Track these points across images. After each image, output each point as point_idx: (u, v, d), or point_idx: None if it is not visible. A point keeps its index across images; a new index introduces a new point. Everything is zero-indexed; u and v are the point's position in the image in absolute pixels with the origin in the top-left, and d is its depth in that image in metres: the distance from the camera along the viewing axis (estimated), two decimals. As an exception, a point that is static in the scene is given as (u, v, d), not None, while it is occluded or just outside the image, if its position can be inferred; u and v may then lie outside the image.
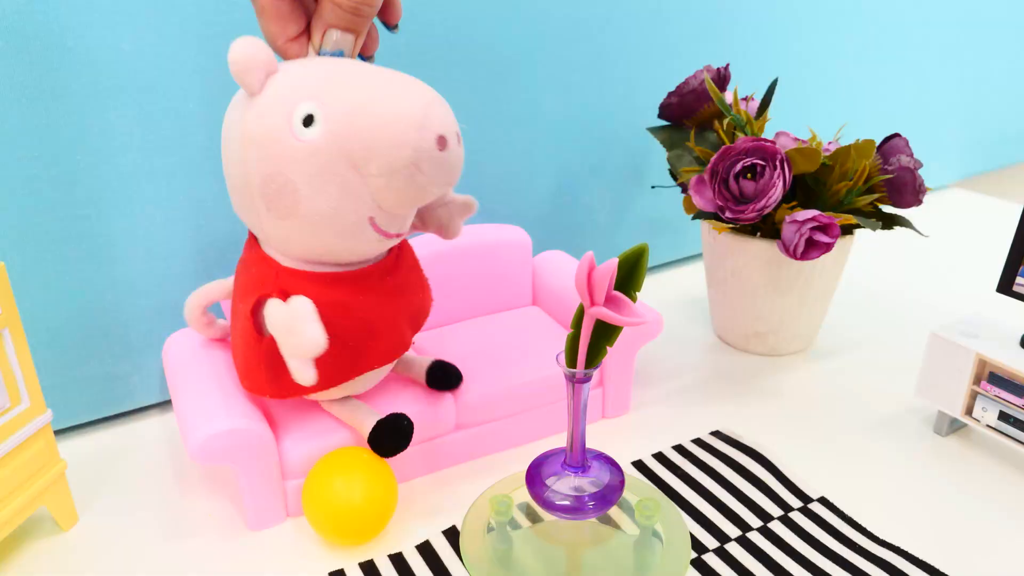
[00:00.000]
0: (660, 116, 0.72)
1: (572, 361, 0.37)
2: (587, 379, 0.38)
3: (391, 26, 0.49)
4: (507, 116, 0.74)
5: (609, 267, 0.32)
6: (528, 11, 0.71)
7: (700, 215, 0.67)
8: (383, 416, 0.51)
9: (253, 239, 0.50)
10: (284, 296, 0.46)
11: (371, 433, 0.50)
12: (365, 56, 0.49)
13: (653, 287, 0.88)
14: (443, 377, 0.56)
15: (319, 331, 0.44)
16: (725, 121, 0.68)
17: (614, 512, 0.42)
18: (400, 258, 0.51)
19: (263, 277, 0.48)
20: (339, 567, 0.49)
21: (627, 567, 0.40)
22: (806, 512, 0.52)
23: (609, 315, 0.33)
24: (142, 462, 0.59)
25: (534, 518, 0.42)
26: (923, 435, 0.61)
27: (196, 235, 0.62)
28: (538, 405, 0.60)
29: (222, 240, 0.63)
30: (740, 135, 0.67)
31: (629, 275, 0.35)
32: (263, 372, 0.49)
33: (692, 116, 0.71)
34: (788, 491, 0.54)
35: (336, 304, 0.47)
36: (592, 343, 0.36)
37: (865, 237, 0.98)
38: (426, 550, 0.49)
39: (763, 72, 0.88)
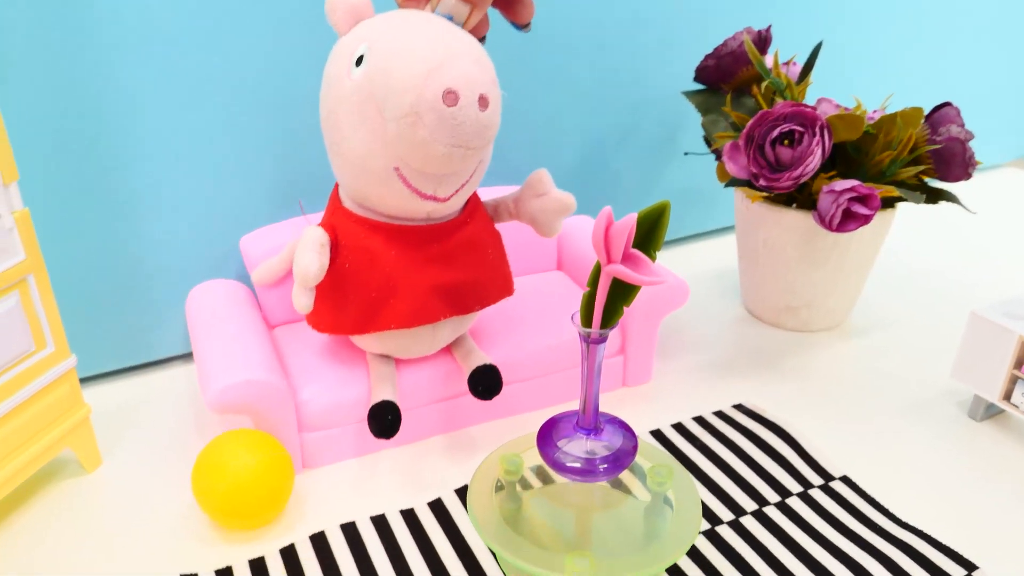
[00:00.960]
0: (696, 79, 0.70)
1: (587, 321, 0.36)
2: (602, 340, 0.37)
3: (522, 26, 0.49)
4: (535, 77, 0.72)
5: (627, 223, 0.31)
6: (564, -31, 0.69)
7: (733, 183, 0.65)
8: (380, 401, 0.51)
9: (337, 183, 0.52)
10: (332, 231, 0.49)
11: (368, 414, 0.51)
12: (520, 24, 0.49)
13: (682, 258, 0.86)
14: (482, 387, 0.53)
15: (313, 260, 0.46)
16: (763, 85, 0.65)
17: (626, 477, 0.42)
18: (462, 231, 0.50)
19: (326, 212, 0.51)
20: (350, 519, 0.49)
21: (637, 532, 0.40)
22: (826, 490, 0.51)
23: (626, 273, 0.32)
24: (165, 411, 0.60)
25: (545, 479, 0.42)
26: (957, 419, 0.59)
27: (219, 190, 0.62)
28: (558, 369, 0.59)
29: (244, 195, 0.63)
30: (779, 100, 0.64)
31: (649, 233, 0.33)
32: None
33: (730, 80, 0.68)
34: (810, 468, 0.53)
35: (364, 251, 0.48)
36: (608, 303, 0.35)
37: (908, 211, 0.95)
38: (438, 507, 0.49)
39: (808, 36, 0.84)
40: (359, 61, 0.43)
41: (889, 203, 0.64)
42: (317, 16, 0.45)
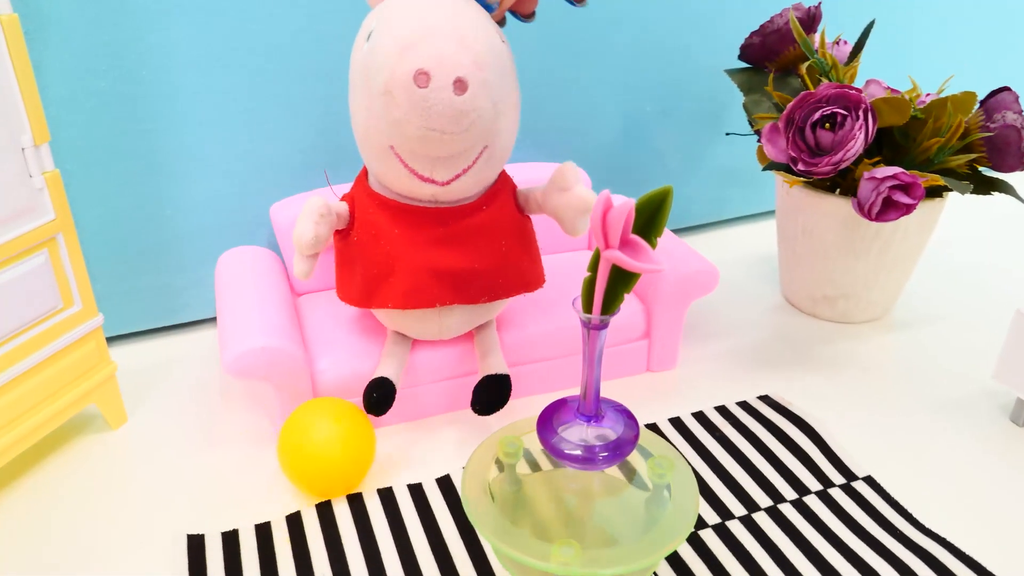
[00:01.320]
0: (741, 57, 0.68)
1: (588, 306, 0.35)
2: (603, 325, 0.36)
3: (525, 16, 0.49)
4: (573, 49, 0.71)
5: (625, 208, 0.30)
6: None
7: (772, 166, 0.62)
8: (375, 378, 0.51)
9: None
10: (351, 201, 0.50)
11: (368, 384, 0.52)
12: (523, 15, 0.48)
13: (722, 241, 0.84)
14: (479, 406, 0.52)
15: (308, 229, 0.47)
16: (807, 64, 0.62)
17: (629, 466, 0.41)
18: (475, 217, 0.49)
19: (353, 183, 0.52)
20: (357, 491, 0.49)
21: (636, 522, 0.39)
22: (848, 490, 0.49)
23: (623, 259, 0.31)
24: (192, 372, 0.61)
25: (545, 464, 0.41)
26: (997, 423, 0.56)
27: (254, 155, 0.63)
28: (574, 352, 0.58)
29: (281, 161, 0.64)
30: (824, 82, 0.61)
31: (651, 219, 0.32)
32: (337, 278, 0.53)
33: (775, 59, 0.66)
34: (832, 466, 0.51)
35: (370, 226, 0.49)
36: (609, 288, 0.34)
37: (962, 201, 0.90)
38: (445, 484, 0.49)
39: (866, 14, 0.81)
40: (370, 36, 0.43)
41: (937, 192, 0.61)
42: None
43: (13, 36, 0.43)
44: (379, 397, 0.50)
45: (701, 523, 0.47)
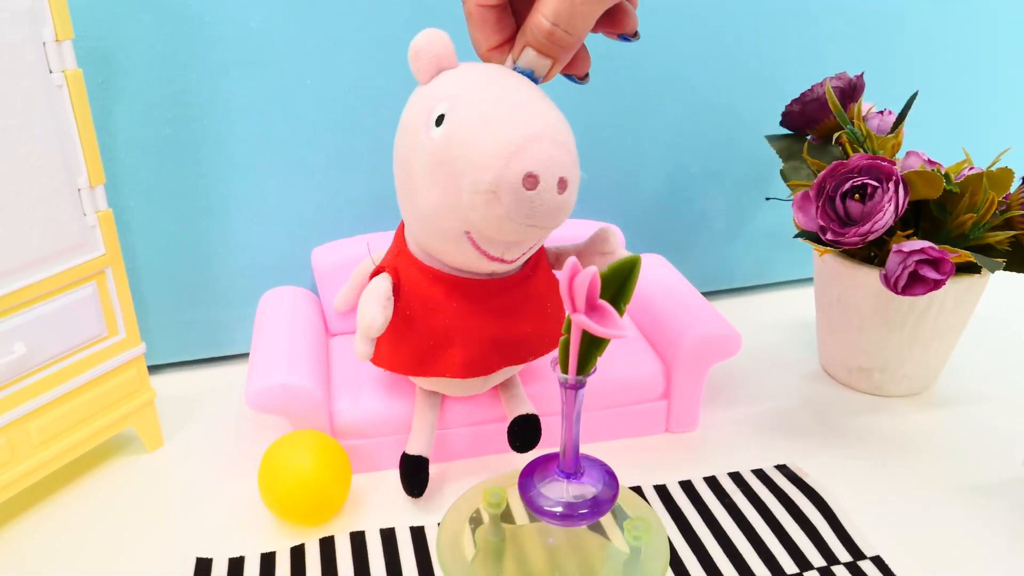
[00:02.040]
0: (782, 124, 0.68)
1: (565, 367, 0.36)
2: (579, 385, 0.37)
3: (630, 36, 0.47)
4: (618, 108, 0.72)
5: (588, 274, 0.31)
6: (652, 2, 0.69)
7: (803, 235, 0.62)
8: (413, 454, 0.53)
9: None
10: (395, 274, 0.49)
11: (401, 458, 0.54)
12: (578, 77, 0.48)
13: (766, 306, 0.83)
14: (519, 438, 0.55)
15: (377, 314, 0.46)
16: (836, 135, 0.62)
17: (609, 525, 0.41)
18: (524, 285, 0.50)
19: (390, 252, 0.51)
20: (390, 525, 0.51)
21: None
22: (852, 568, 0.48)
23: (587, 323, 0.32)
24: (231, 403, 0.65)
25: (532, 516, 0.42)
26: (1029, 511, 0.53)
27: (303, 202, 0.67)
28: (587, 408, 0.59)
29: (326, 208, 0.68)
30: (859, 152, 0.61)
31: (622, 287, 0.33)
32: None
33: (815, 127, 0.66)
34: (840, 542, 0.50)
35: (427, 299, 0.48)
36: (583, 350, 0.35)
37: (1019, 278, 0.86)
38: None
39: (920, 84, 0.80)
40: (439, 120, 0.42)
41: (975, 268, 0.59)
42: (406, 45, 0.46)
43: (76, 89, 0.48)
44: (421, 478, 0.52)
45: (693, 591, 0.46)
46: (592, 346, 0.35)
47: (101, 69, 0.58)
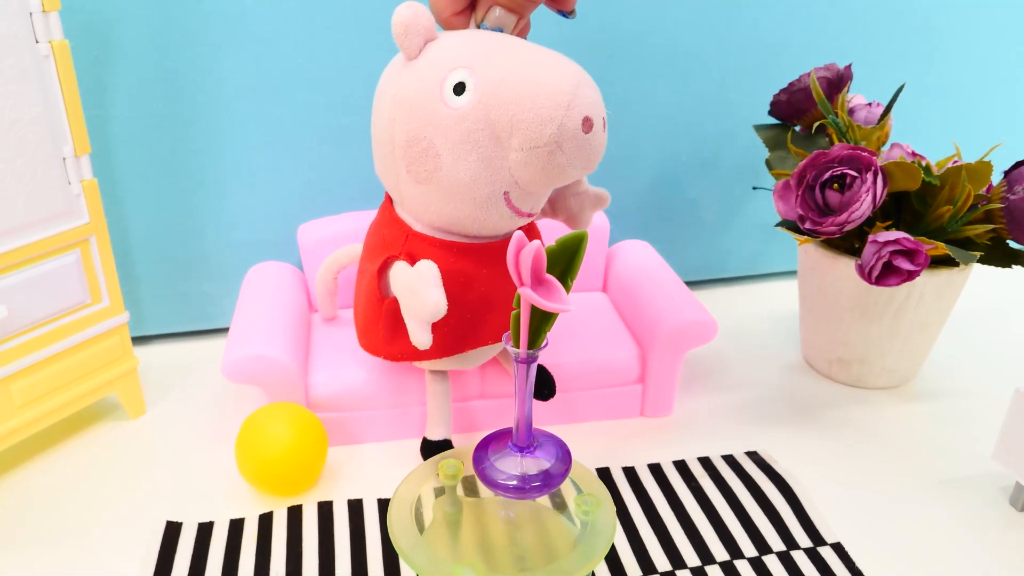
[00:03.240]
0: (770, 114, 0.68)
1: (516, 341, 0.37)
2: (531, 360, 0.37)
3: (568, 12, 0.48)
4: (612, 98, 0.72)
5: (532, 248, 0.32)
6: (645, -8, 0.69)
7: (784, 224, 0.62)
8: (435, 439, 0.54)
9: (389, 201, 0.51)
10: (411, 260, 0.47)
11: (422, 444, 0.55)
12: (568, 11, 0.48)
13: (756, 296, 0.83)
14: (547, 391, 0.56)
15: (440, 295, 0.44)
16: (817, 124, 0.62)
17: (561, 499, 0.42)
18: (528, 235, 0.50)
19: (394, 239, 0.49)
20: (358, 496, 0.52)
21: (561, 556, 0.40)
22: (812, 554, 0.48)
23: (532, 296, 0.32)
24: (213, 375, 0.66)
25: (485, 491, 0.43)
26: (996, 506, 0.53)
27: (293, 179, 0.68)
28: (563, 390, 0.59)
29: (317, 186, 0.69)
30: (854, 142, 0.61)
31: (569, 263, 0.34)
32: (381, 333, 0.51)
33: (802, 117, 0.66)
34: (802, 528, 0.50)
35: (459, 273, 0.48)
36: (533, 324, 0.36)
37: (1008, 273, 0.86)
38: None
39: (918, 78, 0.79)
40: (458, 89, 0.42)
41: (955, 261, 0.59)
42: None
43: (63, 59, 0.49)
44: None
45: (651, 568, 0.47)
46: (543, 321, 0.35)
47: (96, 44, 0.60)
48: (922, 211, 0.59)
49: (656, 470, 0.55)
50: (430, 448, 0.54)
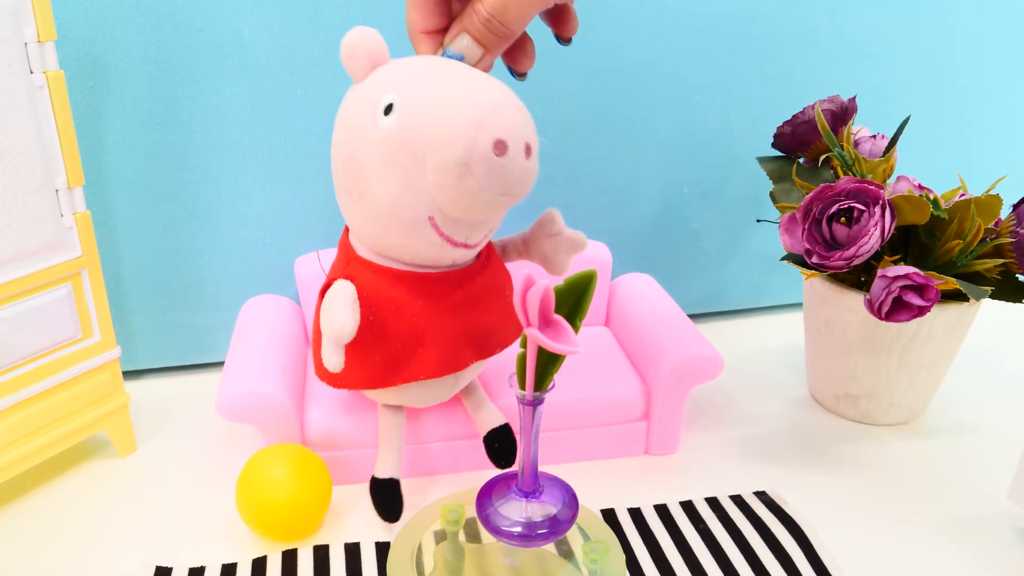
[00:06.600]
0: (774, 146, 0.67)
1: (523, 383, 0.35)
2: (538, 402, 0.36)
3: (564, 39, 0.47)
4: (613, 128, 0.72)
5: (540, 288, 0.31)
6: (651, 24, 0.69)
7: (789, 257, 0.61)
8: (382, 477, 0.52)
9: (346, 228, 0.51)
10: (351, 280, 0.46)
11: (370, 482, 0.53)
12: (518, 72, 0.48)
13: (759, 329, 0.82)
14: (500, 456, 0.54)
15: (348, 316, 0.44)
16: (822, 157, 0.61)
17: (568, 546, 0.40)
18: (483, 275, 0.49)
19: (339, 262, 0.49)
20: (355, 539, 0.50)
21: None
22: (825, 600, 0.47)
23: (540, 338, 0.31)
24: (206, 411, 0.64)
25: (487, 537, 0.41)
26: (1012, 547, 0.52)
27: (290, 210, 0.67)
28: (564, 427, 0.58)
29: (315, 216, 0.67)
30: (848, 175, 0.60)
31: (578, 302, 0.33)
32: (317, 357, 0.50)
33: (806, 149, 0.65)
34: (813, 571, 0.49)
35: (390, 301, 0.47)
36: (540, 365, 0.35)
37: (1014, 307, 0.85)
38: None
39: (921, 110, 0.79)
40: (387, 110, 0.42)
41: (965, 296, 0.58)
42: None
43: (57, 90, 0.48)
44: (394, 502, 0.51)
45: (659, 617, 0.45)
46: (549, 362, 0.34)
47: (92, 72, 0.59)
48: (930, 245, 0.58)
49: (663, 511, 0.54)
50: (376, 486, 0.52)
